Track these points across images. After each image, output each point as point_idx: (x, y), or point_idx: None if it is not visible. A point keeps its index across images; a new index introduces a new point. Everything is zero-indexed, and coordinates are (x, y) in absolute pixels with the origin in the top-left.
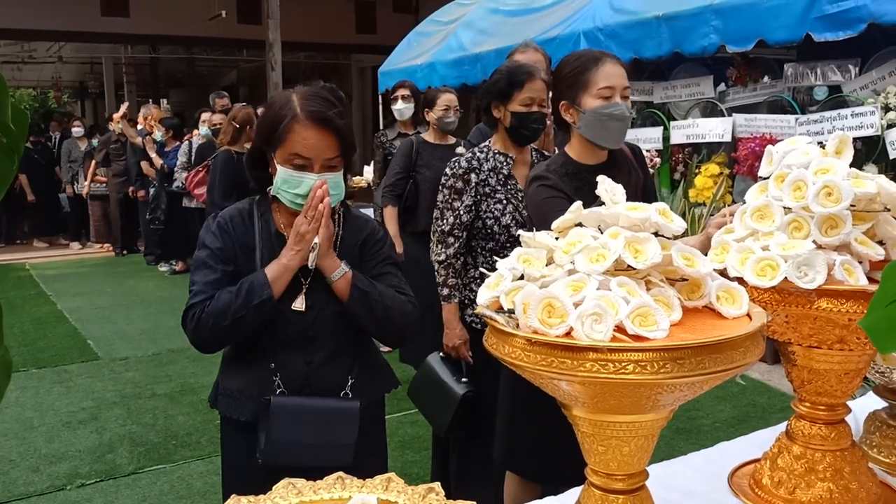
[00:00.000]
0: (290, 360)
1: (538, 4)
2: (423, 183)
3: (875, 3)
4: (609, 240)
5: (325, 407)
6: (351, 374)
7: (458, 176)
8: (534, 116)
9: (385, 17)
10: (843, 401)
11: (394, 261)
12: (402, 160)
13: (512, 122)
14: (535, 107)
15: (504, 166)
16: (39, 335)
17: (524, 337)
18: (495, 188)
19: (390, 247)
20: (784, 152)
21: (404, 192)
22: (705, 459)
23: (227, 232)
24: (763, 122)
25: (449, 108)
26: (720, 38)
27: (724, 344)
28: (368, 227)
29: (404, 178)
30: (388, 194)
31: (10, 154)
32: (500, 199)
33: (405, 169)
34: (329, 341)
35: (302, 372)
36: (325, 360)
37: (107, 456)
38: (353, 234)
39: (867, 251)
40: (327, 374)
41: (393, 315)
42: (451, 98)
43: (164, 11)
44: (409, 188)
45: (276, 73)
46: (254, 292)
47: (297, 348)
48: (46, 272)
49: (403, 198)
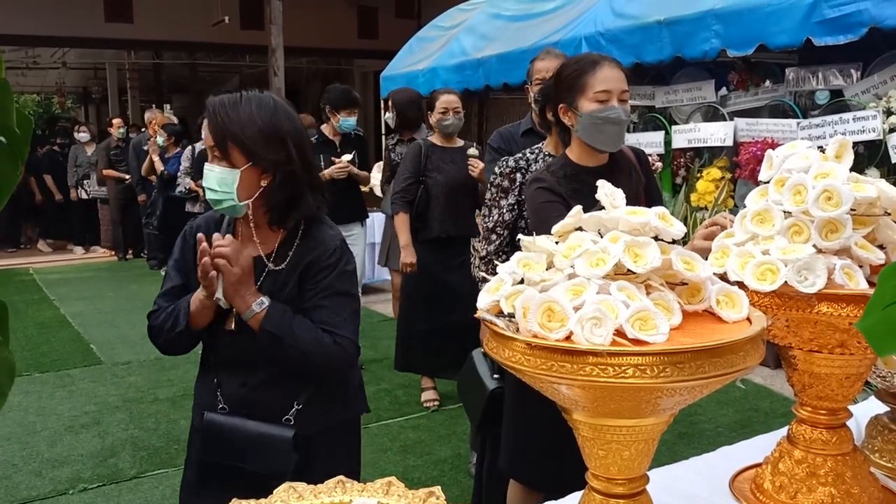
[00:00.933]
0: (228, 379)
1: (539, 9)
2: (435, 187)
3: (876, 8)
4: (609, 244)
5: (257, 431)
6: (297, 400)
7: (505, 175)
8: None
9: (387, 22)
10: (845, 405)
11: (336, 291)
12: (411, 165)
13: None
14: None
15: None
16: (42, 339)
17: (524, 341)
18: None
19: (339, 275)
20: (784, 156)
21: (415, 197)
22: (707, 464)
23: (188, 242)
24: (765, 126)
25: (447, 109)
26: (721, 43)
27: (724, 348)
28: (318, 250)
29: (415, 184)
30: (399, 201)
31: (14, 159)
32: None
33: (415, 174)
34: (269, 366)
35: (238, 393)
36: (263, 383)
37: (109, 460)
38: (300, 257)
39: (867, 255)
40: (268, 398)
41: (311, 358)
42: (449, 99)
43: (168, 17)
44: (420, 194)
45: (278, 79)
46: (177, 320)
47: (236, 368)
48: (49, 277)
49: (415, 204)
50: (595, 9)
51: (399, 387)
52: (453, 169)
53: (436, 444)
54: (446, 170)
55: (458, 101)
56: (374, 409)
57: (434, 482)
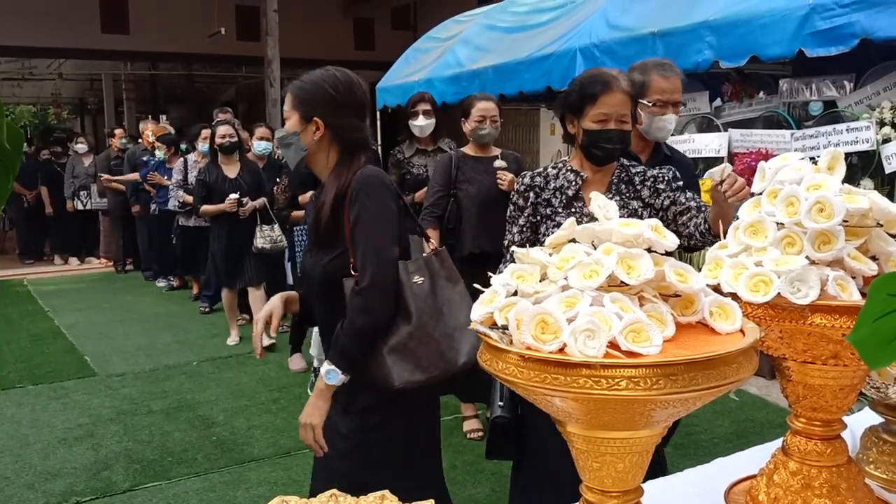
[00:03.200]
0: None
1: (534, 21)
2: (466, 200)
3: (868, 19)
4: (602, 256)
5: None
6: None
7: (520, 193)
8: (608, 135)
9: (383, 33)
10: (839, 416)
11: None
12: (441, 177)
13: (584, 139)
14: (613, 123)
15: (571, 186)
16: (36, 351)
17: (517, 353)
18: (556, 210)
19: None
20: (776, 168)
21: (445, 212)
22: (702, 476)
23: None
24: (759, 137)
25: (484, 118)
26: (714, 54)
27: (717, 360)
28: None
29: (445, 197)
30: (428, 216)
31: (5, 173)
32: (559, 222)
33: (445, 186)
34: None
35: None
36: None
37: (102, 473)
38: None
39: (860, 266)
40: None
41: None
42: (486, 107)
43: (164, 28)
44: (451, 207)
45: (274, 90)
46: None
47: None
48: (44, 288)
49: (445, 219)
50: (590, 21)
51: None
52: (487, 180)
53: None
54: (479, 181)
55: (495, 108)
56: None
57: None
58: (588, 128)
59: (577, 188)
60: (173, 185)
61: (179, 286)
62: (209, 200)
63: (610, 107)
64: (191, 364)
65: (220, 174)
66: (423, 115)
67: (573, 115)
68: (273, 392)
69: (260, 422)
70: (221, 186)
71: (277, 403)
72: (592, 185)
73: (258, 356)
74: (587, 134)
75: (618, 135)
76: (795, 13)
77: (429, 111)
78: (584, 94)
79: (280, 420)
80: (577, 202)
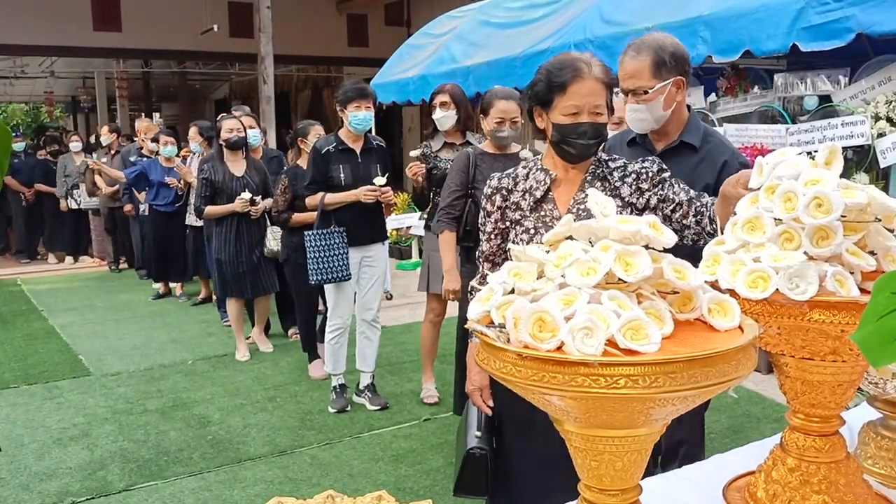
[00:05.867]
0: None
1: (529, 17)
2: None
3: (863, 13)
4: (600, 253)
5: None
6: None
7: (487, 197)
8: (580, 129)
9: (377, 29)
10: (837, 412)
11: None
12: (457, 176)
13: (554, 135)
14: (585, 115)
15: (540, 187)
16: (30, 351)
17: (515, 352)
18: (525, 214)
19: None
20: (774, 164)
21: (463, 213)
22: (700, 472)
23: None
24: (754, 132)
25: (504, 120)
26: (708, 49)
27: (716, 357)
28: None
29: (462, 198)
30: (444, 217)
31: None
32: (527, 227)
33: (462, 186)
34: None
35: None
36: None
37: (98, 473)
38: None
39: (859, 262)
40: None
41: None
42: (506, 108)
43: (156, 26)
44: (469, 208)
45: (268, 87)
46: None
47: None
48: (38, 287)
49: (463, 220)
50: (584, 16)
51: (390, 395)
52: None
53: (428, 453)
54: None
55: (516, 108)
56: (365, 419)
57: (426, 491)
58: (558, 122)
59: (545, 189)
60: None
61: (165, 293)
62: (213, 201)
63: (581, 97)
64: (186, 363)
65: (226, 172)
66: (440, 108)
67: (541, 107)
68: (269, 391)
69: (256, 420)
70: (229, 185)
71: (273, 402)
72: (564, 185)
73: None
74: (557, 129)
75: (591, 128)
76: (790, 7)
77: (446, 103)
78: (551, 84)
79: (276, 419)
80: (547, 204)
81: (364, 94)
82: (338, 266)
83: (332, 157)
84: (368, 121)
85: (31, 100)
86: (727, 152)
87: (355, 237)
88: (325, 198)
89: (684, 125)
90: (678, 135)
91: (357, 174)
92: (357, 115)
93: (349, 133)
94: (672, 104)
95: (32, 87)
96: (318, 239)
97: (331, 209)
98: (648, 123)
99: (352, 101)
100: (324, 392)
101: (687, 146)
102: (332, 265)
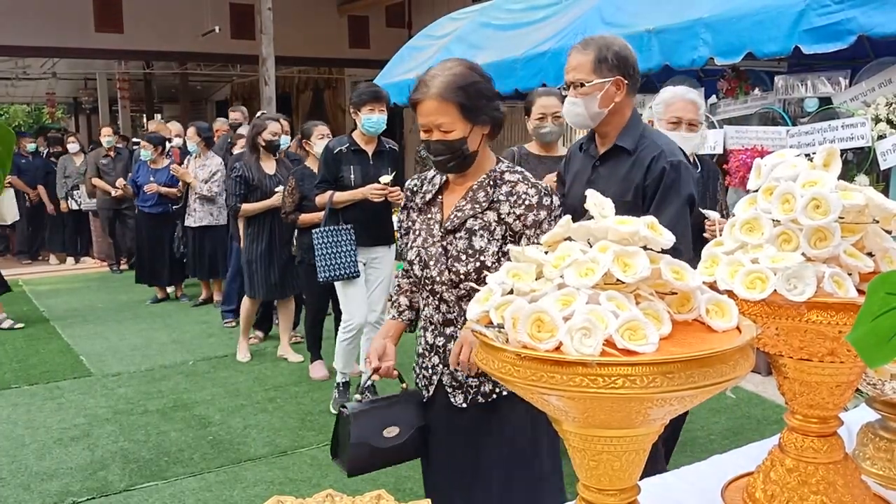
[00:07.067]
0: None
1: (529, 19)
2: None
3: (865, 16)
4: (598, 254)
5: None
6: None
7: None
8: (429, 148)
9: (378, 31)
10: (835, 413)
11: None
12: None
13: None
14: (435, 133)
15: (431, 190)
16: (31, 351)
17: (514, 352)
18: (415, 219)
19: None
20: (772, 165)
21: None
22: (698, 473)
23: None
24: (754, 133)
25: (545, 115)
26: (709, 51)
27: (714, 357)
28: None
29: None
30: None
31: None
32: (417, 228)
33: None
34: None
35: None
36: None
37: (99, 473)
38: None
39: (856, 263)
40: None
41: None
42: (547, 103)
43: (158, 27)
44: None
45: (269, 88)
46: None
47: None
48: (39, 288)
49: None
50: (584, 18)
51: None
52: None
53: None
54: None
55: (558, 104)
56: None
57: None
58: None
59: (432, 192)
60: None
61: (162, 298)
62: (246, 199)
63: (423, 117)
64: (186, 364)
65: (260, 170)
66: None
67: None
68: (269, 391)
69: (256, 421)
70: (263, 182)
71: (274, 402)
72: (452, 190)
73: None
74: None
75: (440, 146)
76: (791, 9)
77: None
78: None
79: (276, 419)
80: (434, 208)
81: (378, 98)
82: (346, 263)
83: (344, 157)
84: (382, 124)
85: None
86: (656, 151)
87: (362, 237)
88: (333, 196)
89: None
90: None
91: (367, 176)
92: (370, 117)
93: (362, 135)
94: (609, 104)
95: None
96: (326, 236)
97: (339, 207)
98: (583, 119)
99: (365, 103)
100: (324, 392)
101: (621, 150)
102: (340, 262)
